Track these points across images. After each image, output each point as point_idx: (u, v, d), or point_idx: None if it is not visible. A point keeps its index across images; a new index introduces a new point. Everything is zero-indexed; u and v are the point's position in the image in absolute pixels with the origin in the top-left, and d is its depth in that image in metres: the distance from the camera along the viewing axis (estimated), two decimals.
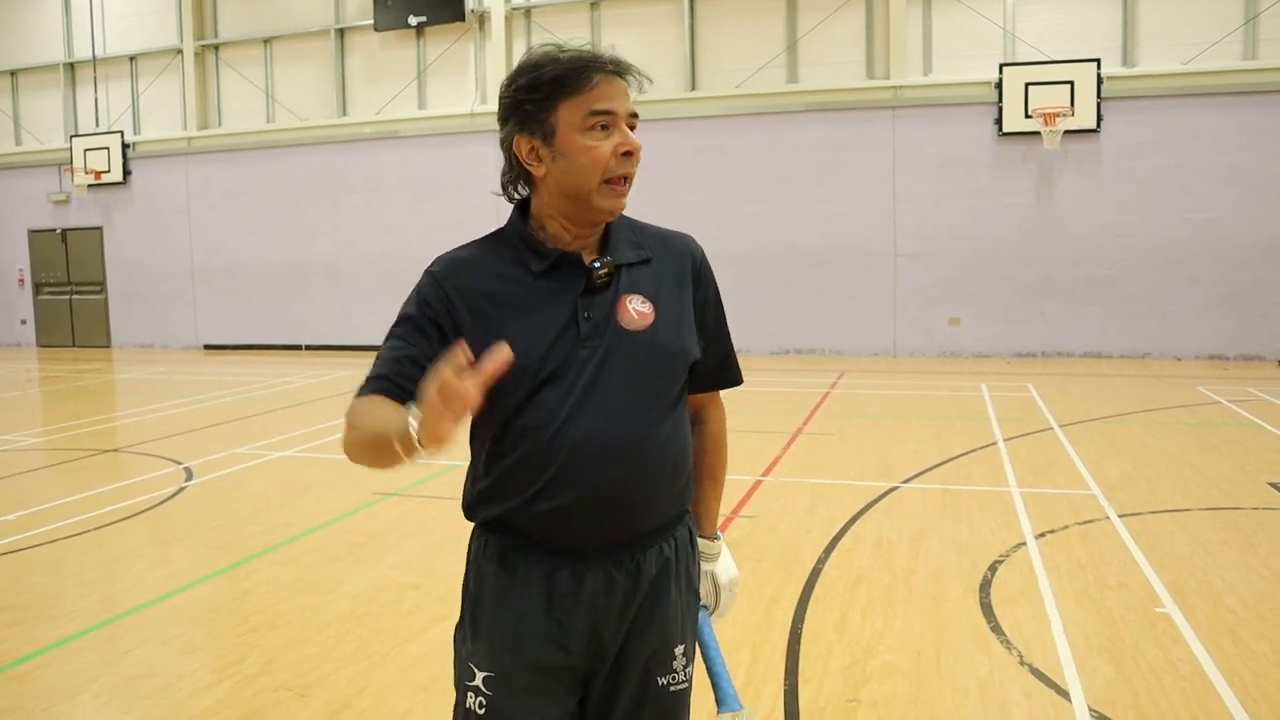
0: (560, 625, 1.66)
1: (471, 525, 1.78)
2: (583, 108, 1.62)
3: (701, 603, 1.89)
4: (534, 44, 1.71)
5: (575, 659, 1.68)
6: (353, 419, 1.56)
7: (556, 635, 1.66)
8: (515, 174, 1.70)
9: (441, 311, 1.64)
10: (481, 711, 1.67)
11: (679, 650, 1.78)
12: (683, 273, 1.78)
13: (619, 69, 1.66)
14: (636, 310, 1.67)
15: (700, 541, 1.88)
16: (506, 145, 1.69)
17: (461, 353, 1.33)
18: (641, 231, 1.81)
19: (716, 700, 1.83)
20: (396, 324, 1.69)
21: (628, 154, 1.66)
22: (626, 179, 1.66)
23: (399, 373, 1.62)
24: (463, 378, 1.31)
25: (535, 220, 1.71)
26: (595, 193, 1.64)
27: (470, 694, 1.69)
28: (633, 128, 1.69)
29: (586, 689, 1.73)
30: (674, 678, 1.77)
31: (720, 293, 1.85)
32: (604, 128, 1.64)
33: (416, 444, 1.36)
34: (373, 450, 1.50)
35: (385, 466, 1.49)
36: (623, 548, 1.67)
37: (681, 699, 1.80)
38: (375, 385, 1.62)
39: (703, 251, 1.85)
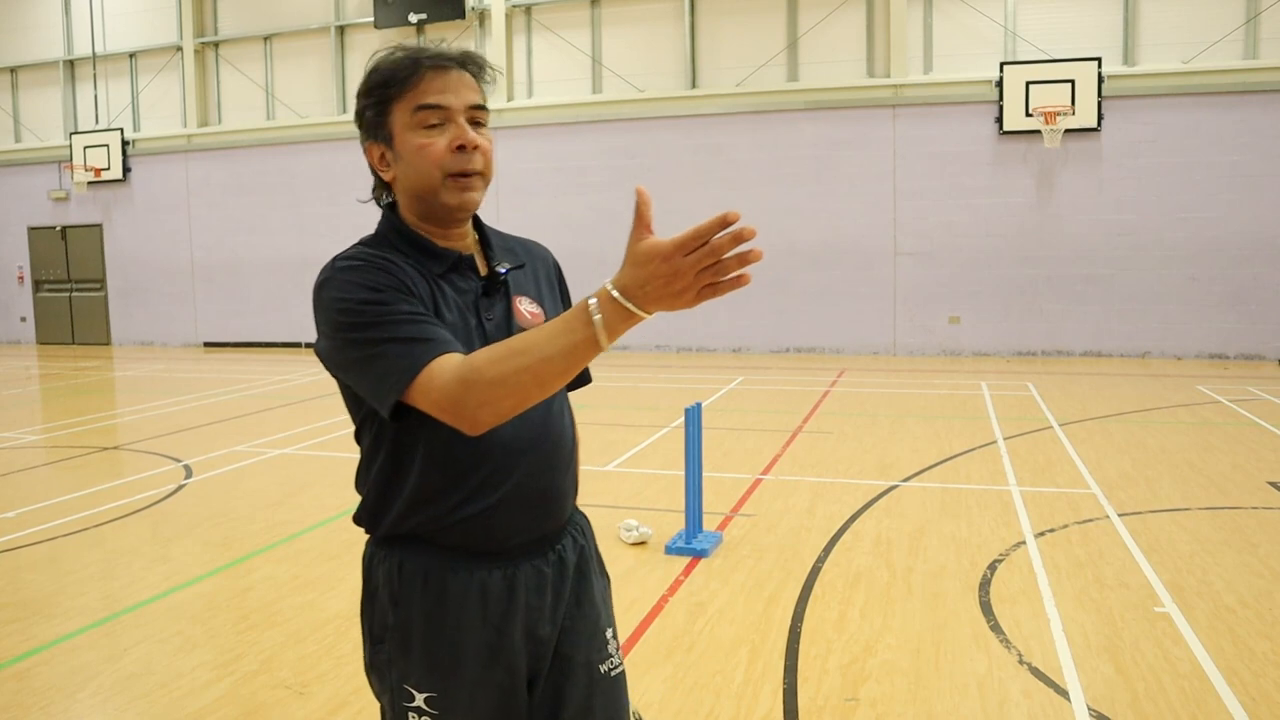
0: (498, 631, 1.64)
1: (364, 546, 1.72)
2: (410, 105, 1.58)
3: None
4: (534, 41, 1.69)
5: (517, 662, 1.66)
6: (505, 365, 1.37)
7: (495, 642, 1.63)
8: (377, 181, 1.70)
9: (400, 282, 1.53)
10: None
11: (609, 634, 1.80)
12: (551, 277, 1.83)
13: (451, 62, 1.59)
14: (529, 311, 1.69)
15: None
16: (365, 155, 1.67)
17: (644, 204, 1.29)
18: (506, 238, 1.80)
19: None
20: (369, 306, 1.50)
21: (463, 148, 1.58)
22: (473, 174, 1.59)
23: (444, 336, 1.50)
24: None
25: (410, 225, 1.66)
26: (441, 190, 1.59)
27: (412, 714, 1.63)
28: (479, 121, 1.61)
29: (531, 689, 1.71)
30: (612, 662, 1.79)
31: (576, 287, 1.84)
32: (436, 124, 1.58)
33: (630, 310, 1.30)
34: (547, 366, 1.35)
35: (551, 385, 1.40)
36: (544, 542, 1.69)
37: (622, 682, 1.82)
38: (442, 346, 1.47)
39: (555, 258, 1.90)
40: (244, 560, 5.11)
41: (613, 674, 1.78)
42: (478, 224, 1.74)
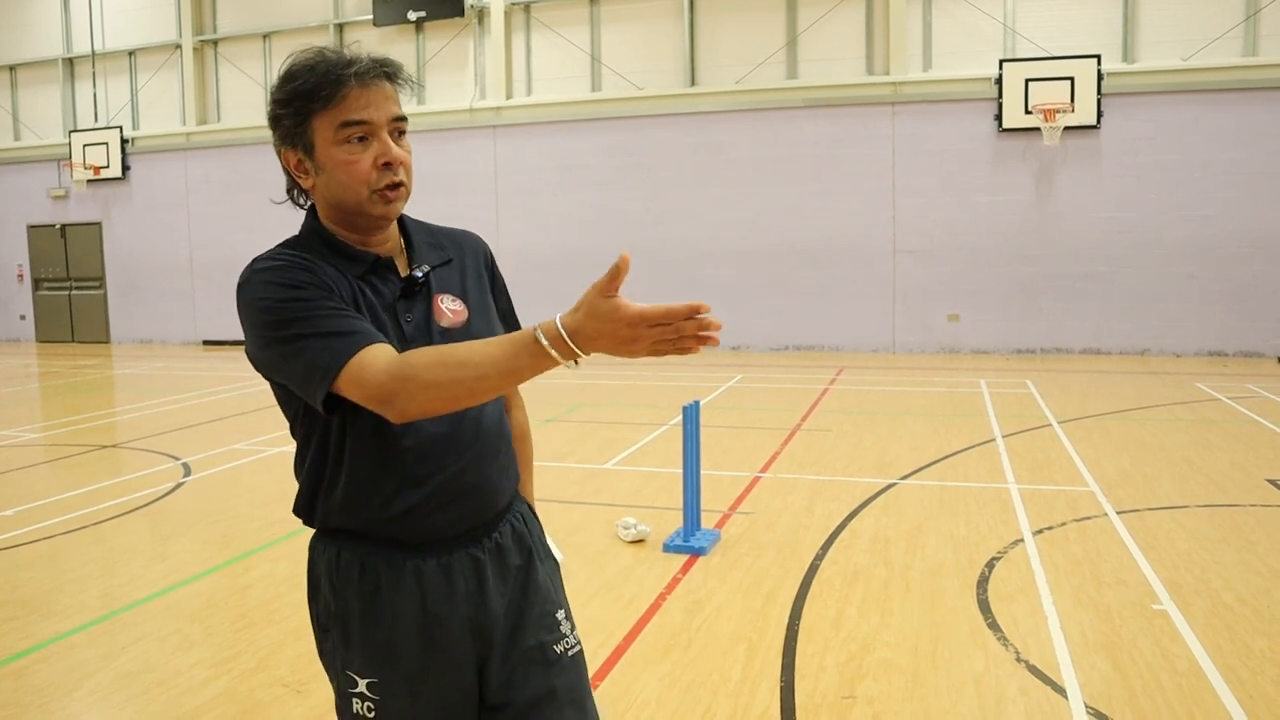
0: (438, 619, 1.66)
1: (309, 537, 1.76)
2: (335, 120, 1.59)
3: None
4: (534, 39, 1.71)
5: (461, 650, 1.68)
6: (442, 369, 1.43)
7: (435, 630, 1.66)
8: (291, 183, 1.73)
9: (322, 281, 1.57)
10: (371, 715, 1.66)
11: (560, 615, 1.81)
12: (480, 269, 1.83)
13: (376, 74, 1.60)
14: (450, 309, 1.71)
15: None
16: (278, 156, 1.69)
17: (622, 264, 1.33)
18: (435, 233, 1.82)
19: None
20: (291, 304, 1.53)
21: (388, 164, 1.61)
22: (399, 185, 1.63)
23: (368, 328, 1.54)
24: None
25: (330, 229, 1.69)
26: (365, 203, 1.62)
27: (355, 700, 1.67)
28: (401, 131, 1.65)
29: (484, 675, 1.72)
30: (567, 643, 1.80)
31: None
32: (361, 139, 1.60)
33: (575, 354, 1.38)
34: (479, 383, 1.43)
35: (481, 396, 1.47)
36: (481, 531, 1.71)
37: (581, 661, 1.83)
38: (369, 337, 1.52)
39: (488, 246, 1.90)
40: (242, 558, 5.11)
41: (570, 654, 1.80)
42: (402, 223, 1.76)
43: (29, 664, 3.78)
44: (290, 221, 1.80)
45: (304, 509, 1.72)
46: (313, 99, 1.59)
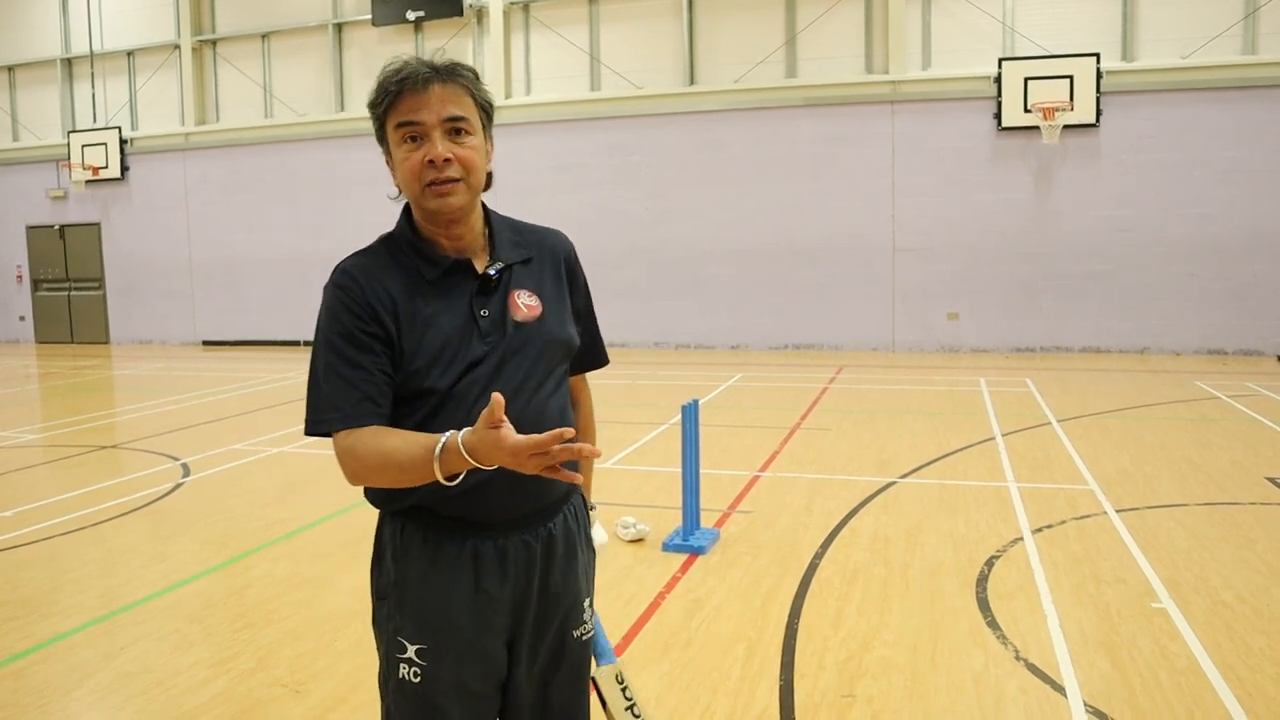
0: (488, 595, 1.79)
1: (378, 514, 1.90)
2: (394, 123, 1.76)
3: None
4: (533, 39, 1.80)
5: (501, 624, 1.82)
6: (372, 452, 1.68)
7: (484, 605, 1.79)
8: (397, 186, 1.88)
9: (369, 320, 1.75)
10: (417, 680, 1.79)
11: (586, 603, 1.97)
12: (559, 268, 1.95)
13: (427, 78, 1.74)
14: (525, 304, 1.84)
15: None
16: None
17: (496, 408, 1.51)
18: (521, 231, 1.95)
19: (595, 655, 2.00)
20: (329, 345, 1.76)
21: (432, 162, 1.74)
22: (448, 181, 1.75)
23: (379, 395, 1.74)
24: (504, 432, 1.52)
25: (418, 224, 1.86)
26: (421, 198, 1.77)
27: (404, 665, 1.79)
28: (460, 130, 1.76)
29: (511, 649, 1.86)
30: (584, 629, 1.95)
31: (589, 283, 2.05)
32: (414, 139, 1.75)
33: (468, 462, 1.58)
34: (402, 476, 1.66)
35: (408, 485, 1.70)
36: (535, 518, 1.84)
37: (589, 645, 1.99)
38: (367, 413, 1.72)
39: (573, 246, 2.03)
40: (241, 558, 5.11)
41: (583, 639, 1.95)
42: (489, 218, 1.90)
43: (28, 664, 3.78)
44: (289, 220, 1.84)
45: (378, 490, 1.83)
46: (379, 104, 1.77)
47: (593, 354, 2.07)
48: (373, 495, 1.85)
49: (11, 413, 10.51)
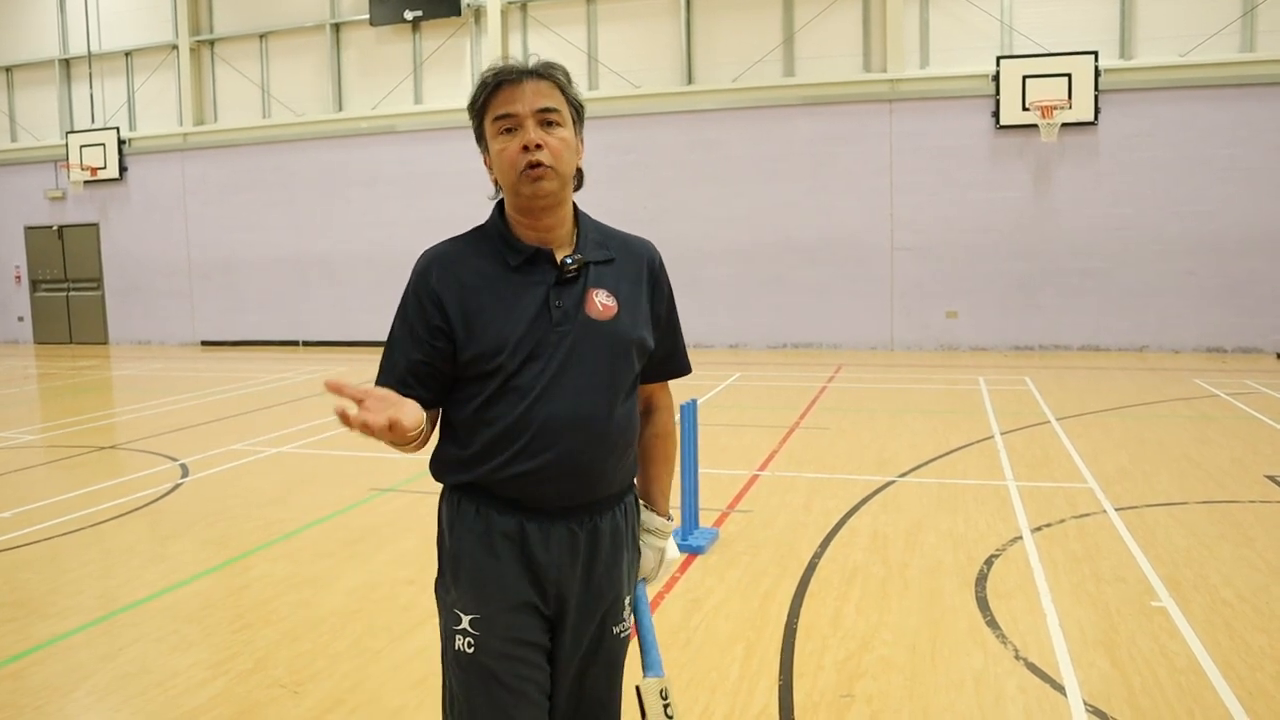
0: (532, 571, 1.86)
1: (440, 487, 1.99)
2: (490, 117, 1.87)
3: (641, 575, 2.09)
4: (530, 38, 1.86)
5: (545, 607, 1.89)
6: None
7: (529, 579, 1.86)
8: (494, 182, 1.98)
9: (433, 310, 1.86)
10: (470, 650, 1.86)
11: (627, 601, 2.01)
12: (640, 273, 1.99)
13: (519, 74, 1.85)
14: (602, 303, 1.89)
15: (656, 519, 2.09)
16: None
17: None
18: (607, 234, 2.01)
19: (644, 665, 1.99)
20: (396, 323, 1.91)
21: (525, 148, 1.83)
22: (539, 165, 1.83)
23: (412, 376, 1.86)
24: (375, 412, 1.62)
25: (509, 217, 1.94)
26: (518, 183, 1.84)
27: (459, 636, 1.87)
28: (551, 122, 1.86)
29: (554, 636, 1.92)
30: (623, 626, 2.00)
31: (674, 293, 2.07)
32: (509, 130, 1.85)
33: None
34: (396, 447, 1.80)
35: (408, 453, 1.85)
36: (583, 510, 1.89)
37: (625, 643, 2.03)
38: (399, 392, 1.81)
39: (660, 257, 2.06)
40: (240, 559, 5.10)
41: (621, 635, 2.00)
42: (578, 218, 1.97)
43: (27, 665, 3.77)
44: (287, 220, 1.86)
45: (435, 465, 1.94)
46: (478, 102, 1.88)
47: (672, 362, 2.10)
48: (434, 469, 1.94)
49: (10, 413, 10.50)
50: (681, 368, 2.12)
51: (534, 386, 1.81)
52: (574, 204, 1.98)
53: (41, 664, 3.79)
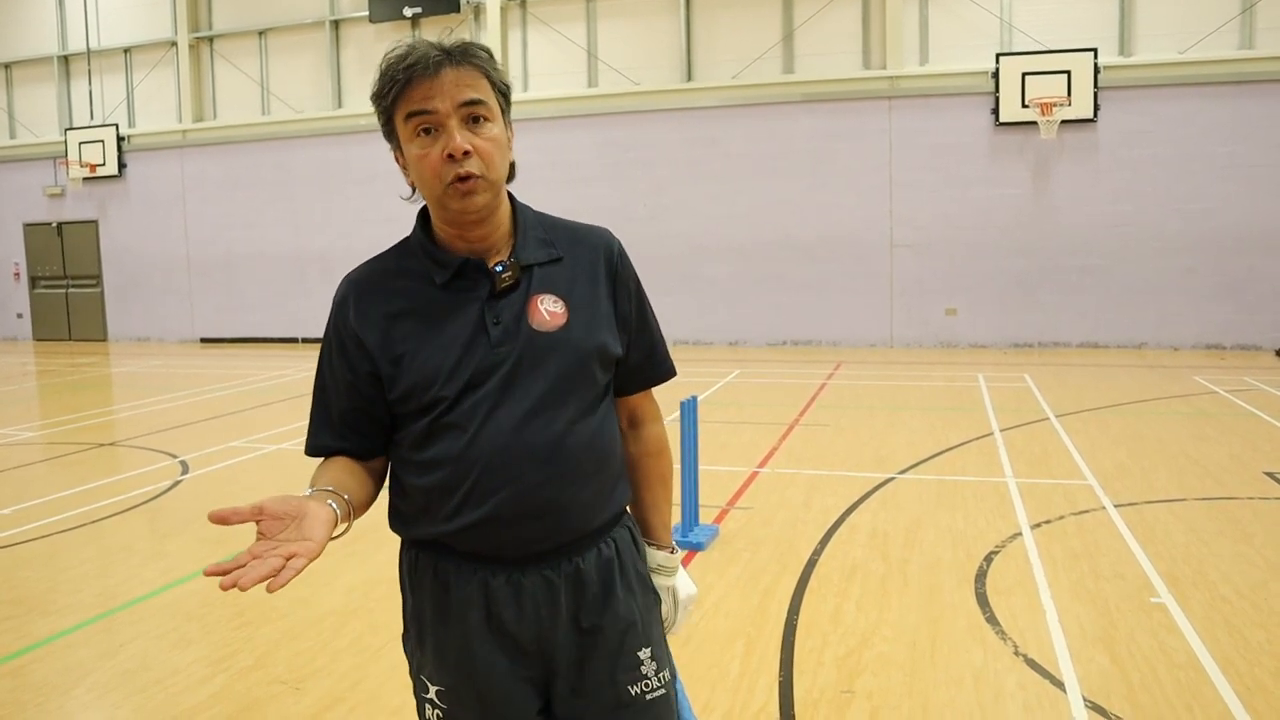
0: (505, 636, 1.61)
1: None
2: (403, 114, 1.55)
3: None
4: (530, 35, 1.66)
5: (528, 671, 1.63)
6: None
7: (503, 647, 1.61)
8: (410, 184, 1.68)
9: (354, 350, 1.62)
10: None
11: (644, 654, 1.69)
12: (596, 268, 1.70)
13: (437, 61, 1.53)
14: (548, 310, 1.61)
15: (657, 555, 1.81)
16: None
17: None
18: (552, 228, 1.72)
19: None
20: (324, 369, 1.69)
21: (452, 156, 1.53)
22: (470, 178, 1.54)
23: (347, 426, 1.66)
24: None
25: (434, 227, 1.67)
26: (444, 197, 1.56)
27: (427, 705, 1.68)
28: (478, 117, 1.56)
29: (549, 698, 1.68)
30: (647, 684, 1.69)
31: (642, 285, 1.79)
32: (427, 130, 1.54)
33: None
34: None
35: None
36: (558, 553, 1.62)
37: (662, 704, 1.71)
38: (324, 446, 1.67)
39: (620, 244, 1.76)
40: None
41: (649, 696, 1.68)
42: (516, 215, 1.69)
43: (26, 663, 3.78)
44: (286, 217, 1.82)
45: (392, 516, 1.71)
46: (385, 96, 1.56)
47: (650, 367, 1.79)
48: (390, 521, 1.70)
49: (9, 410, 10.50)
50: (662, 372, 1.81)
51: (473, 417, 1.55)
52: (509, 197, 1.70)
53: (41, 661, 3.79)
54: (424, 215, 1.69)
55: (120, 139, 18.34)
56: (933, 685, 3.40)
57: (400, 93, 1.54)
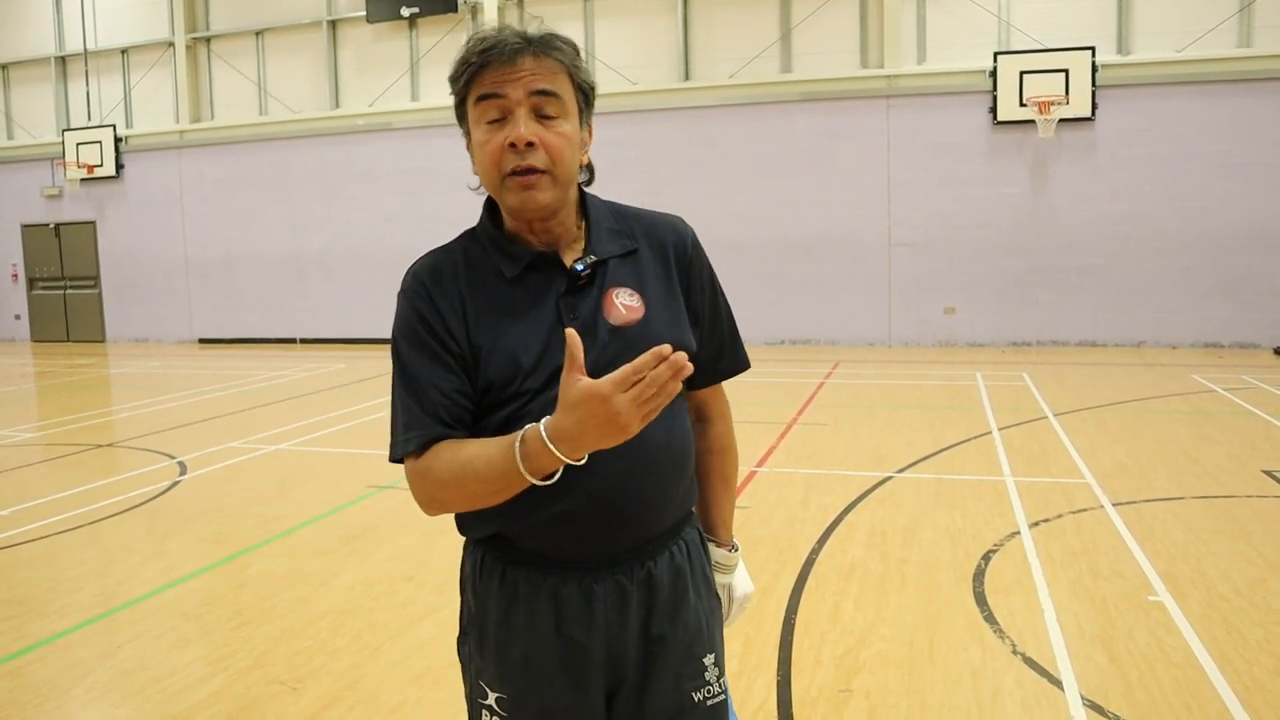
0: (573, 645, 1.56)
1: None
2: (474, 97, 1.51)
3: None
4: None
5: (593, 679, 1.58)
6: (445, 465, 1.46)
7: (570, 656, 1.56)
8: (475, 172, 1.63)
9: (441, 329, 1.53)
10: None
11: (709, 660, 1.66)
12: (669, 259, 1.64)
13: (516, 46, 1.49)
14: (624, 304, 1.56)
15: (717, 552, 1.79)
16: None
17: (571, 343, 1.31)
18: (625, 218, 1.66)
19: None
20: (401, 362, 1.56)
21: (514, 146, 1.47)
22: (531, 171, 1.48)
23: (452, 415, 1.52)
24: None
25: (502, 218, 1.62)
26: (501, 190, 1.52)
27: (485, 711, 1.62)
28: (549, 111, 1.50)
29: (612, 705, 1.63)
30: (709, 690, 1.65)
31: (716, 275, 1.74)
32: (498, 119, 1.49)
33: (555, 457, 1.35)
34: (483, 486, 1.44)
35: (494, 498, 1.46)
36: (632, 555, 1.57)
37: (720, 710, 1.68)
38: (438, 434, 1.51)
39: (693, 233, 1.70)
40: (238, 556, 5.10)
41: (709, 702, 1.65)
42: (586, 206, 1.63)
43: (25, 663, 3.77)
44: (284, 218, 1.79)
45: (458, 516, 1.63)
46: (458, 78, 1.53)
47: (724, 360, 1.73)
48: (458, 520, 1.63)
49: (8, 411, 10.49)
50: (737, 364, 1.75)
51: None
52: (582, 191, 1.63)
53: (40, 661, 3.79)
54: (490, 205, 1.63)
55: (118, 140, 18.33)
56: (931, 684, 3.40)
57: (474, 76, 1.50)
